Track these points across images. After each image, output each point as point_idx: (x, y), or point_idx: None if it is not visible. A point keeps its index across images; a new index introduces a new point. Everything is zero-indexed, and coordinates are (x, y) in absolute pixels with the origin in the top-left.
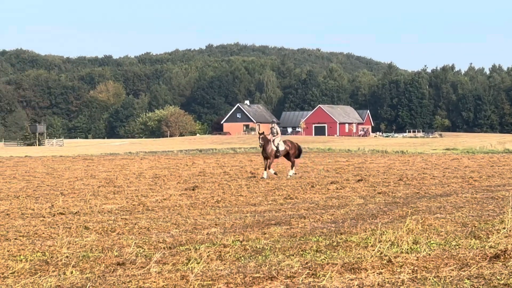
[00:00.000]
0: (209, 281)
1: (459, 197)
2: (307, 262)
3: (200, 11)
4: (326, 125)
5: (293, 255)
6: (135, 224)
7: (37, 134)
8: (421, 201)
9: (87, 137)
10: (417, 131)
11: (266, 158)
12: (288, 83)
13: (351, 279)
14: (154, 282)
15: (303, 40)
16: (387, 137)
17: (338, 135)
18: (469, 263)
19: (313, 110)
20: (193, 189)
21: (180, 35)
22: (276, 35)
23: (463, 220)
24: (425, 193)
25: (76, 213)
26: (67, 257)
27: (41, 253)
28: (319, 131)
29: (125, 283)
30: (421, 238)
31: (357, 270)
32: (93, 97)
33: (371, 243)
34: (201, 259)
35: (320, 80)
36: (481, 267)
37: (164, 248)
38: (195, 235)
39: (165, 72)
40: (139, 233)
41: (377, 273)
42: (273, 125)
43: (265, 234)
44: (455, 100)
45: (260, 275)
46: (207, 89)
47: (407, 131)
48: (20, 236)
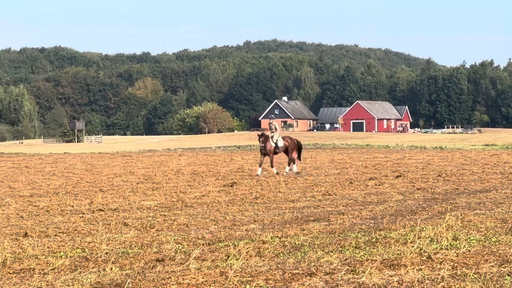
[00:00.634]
0: (248, 277)
1: (498, 193)
2: (346, 258)
3: (238, 7)
4: (364, 121)
5: (332, 252)
6: (174, 220)
7: (76, 131)
8: (461, 197)
9: (125, 134)
10: (455, 126)
11: (264, 155)
12: (326, 79)
13: (391, 276)
14: (193, 278)
15: (341, 36)
16: (425, 133)
17: (376, 131)
18: (509, 260)
19: (351, 106)
20: (232, 186)
21: (217, 31)
22: (313, 31)
23: (503, 216)
24: (465, 189)
25: (115, 209)
26: (107, 253)
27: (81, 249)
28: (357, 127)
29: (164, 280)
30: (461, 234)
31: (397, 266)
32: (131, 94)
33: (410, 239)
34: (240, 256)
35: (358, 76)
36: None
37: (203, 244)
38: (234, 232)
39: (203, 68)
40: (178, 230)
41: (417, 270)
42: (271, 121)
43: (304, 230)
44: (494, 95)
45: (299, 271)
46: (245, 86)
47: (446, 126)
48: (59, 232)
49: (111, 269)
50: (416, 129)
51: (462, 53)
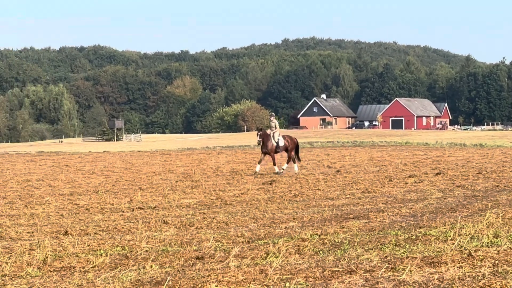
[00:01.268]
0: (288, 275)
1: None
2: (386, 256)
3: (276, 5)
4: (403, 118)
5: (372, 249)
6: (213, 218)
7: (115, 129)
8: (501, 194)
9: (164, 132)
10: (495, 123)
11: (266, 153)
12: (364, 76)
13: (431, 273)
14: (233, 276)
15: (379, 33)
16: (465, 130)
17: (415, 128)
18: None
19: (390, 103)
20: (271, 183)
21: (256, 29)
22: (352, 28)
23: None
24: (505, 186)
25: (154, 207)
26: (147, 251)
27: (121, 247)
28: (396, 125)
29: (204, 277)
30: (502, 231)
31: (437, 263)
32: (170, 92)
33: (450, 236)
34: (280, 253)
35: (397, 73)
36: None
37: (242, 242)
38: (273, 229)
39: (241, 66)
40: (218, 227)
41: (457, 267)
42: (271, 118)
43: (343, 228)
44: None
45: (339, 269)
46: (283, 84)
47: (486, 124)
48: (99, 230)
49: (151, 267)
50: (455, 126)
51: (502, 49)
